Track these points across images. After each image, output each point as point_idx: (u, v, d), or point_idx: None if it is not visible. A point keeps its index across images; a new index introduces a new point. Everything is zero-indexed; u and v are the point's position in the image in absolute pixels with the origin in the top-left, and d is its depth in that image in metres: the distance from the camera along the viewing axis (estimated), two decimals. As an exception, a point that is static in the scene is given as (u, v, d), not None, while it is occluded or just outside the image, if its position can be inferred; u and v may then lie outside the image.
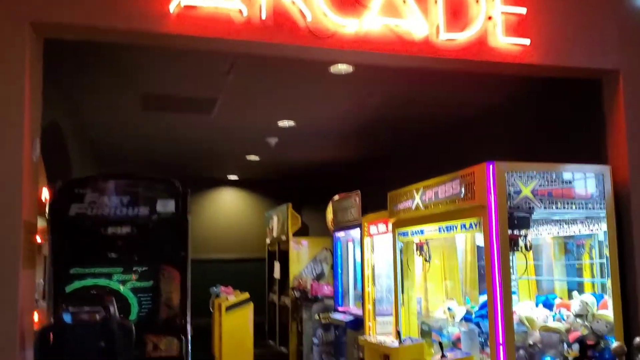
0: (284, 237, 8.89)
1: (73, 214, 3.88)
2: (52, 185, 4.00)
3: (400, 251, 5.06)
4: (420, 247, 4.97)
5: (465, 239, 4.99)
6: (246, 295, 8.53)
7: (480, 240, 4.82)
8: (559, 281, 4.69)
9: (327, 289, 7.65)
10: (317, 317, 7.36)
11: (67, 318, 3.09)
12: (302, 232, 8.83)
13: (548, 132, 5.44)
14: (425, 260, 4.96)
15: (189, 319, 4.24)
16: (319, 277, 8.54)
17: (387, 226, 5.64)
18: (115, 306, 3.27)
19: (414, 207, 4.54)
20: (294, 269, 8.58)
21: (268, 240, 9.95)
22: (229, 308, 8.27)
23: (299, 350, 7.85)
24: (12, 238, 2.91)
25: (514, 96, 5.48)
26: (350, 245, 7.23)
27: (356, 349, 6.40)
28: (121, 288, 4.11)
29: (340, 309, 7.15)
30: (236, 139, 7.23)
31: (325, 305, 7.41)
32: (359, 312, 6.65)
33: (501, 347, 3.40)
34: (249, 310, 8.41)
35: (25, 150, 3.02)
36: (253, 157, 8.44)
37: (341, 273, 7.33)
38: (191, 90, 5.27)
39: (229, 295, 8.54)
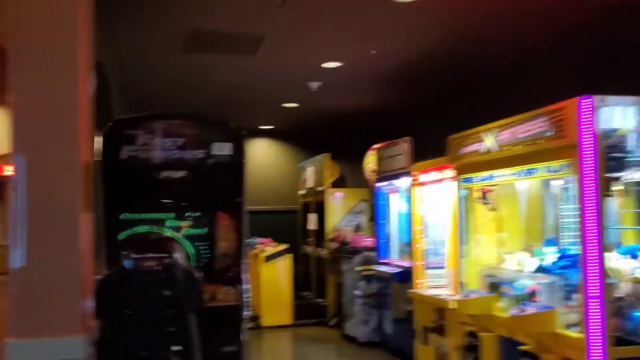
0: (320, 188, 8.65)
1: (124, 156, 3.59)
2: (99, 128, 3.70)
3: (462, 199, 4.77)
4: (484, 195, 4.67)
5: (528, 186, 4.67)
6: (286, 245, 8.39)
7: (549, 187, 4.50)
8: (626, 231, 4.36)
9: (367, 241, 7.42)
10: (358, 269, 7.18)
11: (129, 265, 2.85)
12: (338, 183, 8.57)
13: (622, 63, 5.03)
14: (490, 209, 4.67)
15: (245, 267, 4.03)
16: (356, 229, 8.34)
17: (442, 173, 5.34)
18: (181, 253, 3.03)
19: (483, 150, 4.21)
20: (331, 221, 8.37)
21: (302, 192, 9.72)
22: (268, 258, 8.14)
23: (339, 302, 7.70)
24: (71, 179, 2.63)
25: (584, 26, 5.03)
26: (394, 195, 6.97)
27: (403, 302, 6.22)
28: (175, 235, 3.89)
29: (382, 261, 6.96)
30: (276, 83, 6.84)
31: (366, 257, 7.21)
32: (403, 264, 6.45)
33: (596, 300, 3.12)
34: (288, 261, 8.29)
35: (81, 81, 2.71)
36: (290, 105, 8.07)
37: (384, 225, 7.10)
38: (238, 27, 4.88)
39: (267, 247, 8.41)
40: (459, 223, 4.73)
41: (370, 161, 7.84)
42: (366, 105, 8.23)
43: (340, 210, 8.40)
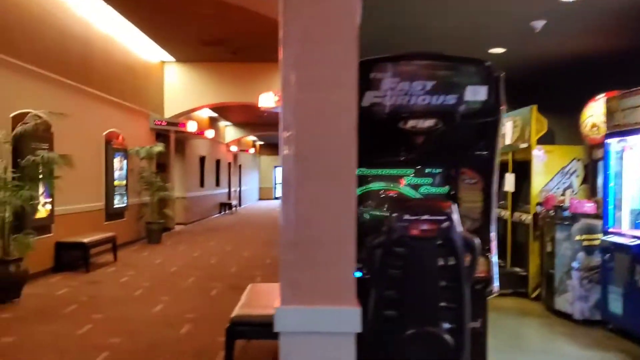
0: (523, 145, 7.73)
1: (367, 103, 3.16)
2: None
3: None
4: None
5: None
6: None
7: None
8: None
9: (589, 206, 6.47)
10: (579, 238, 6.30)
11: (401, 229, 2.44)
12: (545, 139, 7.58)
13: None
14: None
15: (494, 235, 3.48)
16: (566, 192, 7.37)
17: None
18: (459, 216, 2.56)
19: None
20: (538, 182, 7.47)
21: (495, 150, 8.85)
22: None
23: (545, 273, 6.89)
24: (348, 126, 2.25)
25: None
26: (628, 153, 5.92)
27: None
28: (414, 194, 3.44)
29: (610, 230, 6.00)
30: (493, 24, 6.00)
31: (588, 225, 6.29)
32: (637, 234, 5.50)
33: None
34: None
35: (355, 11, 2.30)
36: (497, 50, 7.17)
37: (612, 189, 6.10)
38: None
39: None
40: None
41: (591, 114, 6.79)
42: (591, 49, 7.02)
43: (547, 170, 7.46)
